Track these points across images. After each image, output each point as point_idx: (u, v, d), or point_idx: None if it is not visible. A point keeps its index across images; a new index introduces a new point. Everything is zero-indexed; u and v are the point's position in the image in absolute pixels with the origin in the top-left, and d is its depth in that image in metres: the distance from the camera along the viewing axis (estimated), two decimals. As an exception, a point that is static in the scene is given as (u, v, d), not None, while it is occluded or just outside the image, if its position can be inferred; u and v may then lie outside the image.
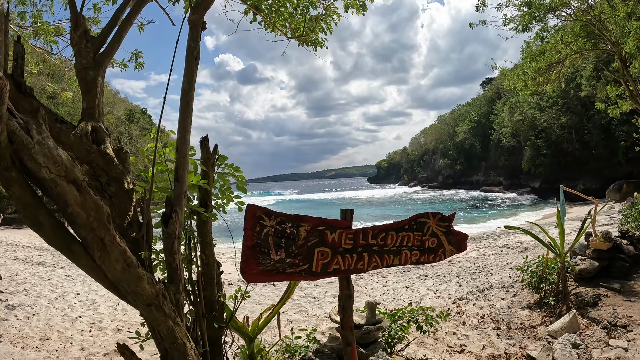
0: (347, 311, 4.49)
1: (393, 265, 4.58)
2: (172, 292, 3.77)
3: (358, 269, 4.30)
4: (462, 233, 5.15)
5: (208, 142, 4.49)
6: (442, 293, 12.78)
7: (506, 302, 10.43)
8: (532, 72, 16.97)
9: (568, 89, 50.62)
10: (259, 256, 3.73)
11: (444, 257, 4.97)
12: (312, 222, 4.01)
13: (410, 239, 4.60)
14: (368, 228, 4.38)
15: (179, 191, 3.86)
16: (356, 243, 4.25)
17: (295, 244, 3.90)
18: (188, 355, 3.70)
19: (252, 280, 3.78)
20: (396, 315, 7.24)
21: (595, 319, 8.17)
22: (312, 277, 4.08)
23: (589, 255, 10.10)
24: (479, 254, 20.07)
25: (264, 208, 3.79)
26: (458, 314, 10.26)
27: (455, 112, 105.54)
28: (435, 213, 4.82)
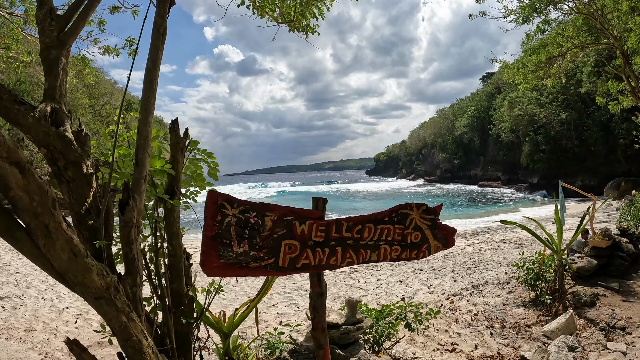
0: (318, 311, 4.14)
1: (370, 262, 4.19)
2: (129, 285, 3.48)
3: (330, 264, 3.93)
4: (449, 227, 4.73)
5: (178, 126, 4.19)
6: (436, 288, 12.54)
7: (501, 299, 10.16)
8: (532, 65, 16.66)
9: (568, 85, 50.67)
10: (220, 248, 3.38)
11: (428, 254, 4.56)
12: (279, 212, 3.64)
13: (390, 232, 4.21)
14: (342, 219, 3.99)
15: (138, 176, 3.57)
16: (328, 236, 3.87)
17: (259, 235, 3.54)
18: (144, 353, 3.39)
19: (213, 274, 3.42)
20: (384, 312, 6.86)
21: (593, 320, 7.89)
22: (278, 273, 3.73)
23: (587, 252, 9.75)
24: (475, 248, 19.91)
25: (226, 195, 3.42)
26: (451, 310, 9.99)
27: (454, 107, 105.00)
28: (419, 204, 4.43)
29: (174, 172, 4.21)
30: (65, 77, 3.76)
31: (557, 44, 16.05)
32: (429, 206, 4.51)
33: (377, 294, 12.48)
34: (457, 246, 20.89)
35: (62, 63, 3.66)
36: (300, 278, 15.31)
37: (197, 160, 4.52)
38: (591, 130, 49.03)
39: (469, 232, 27.07)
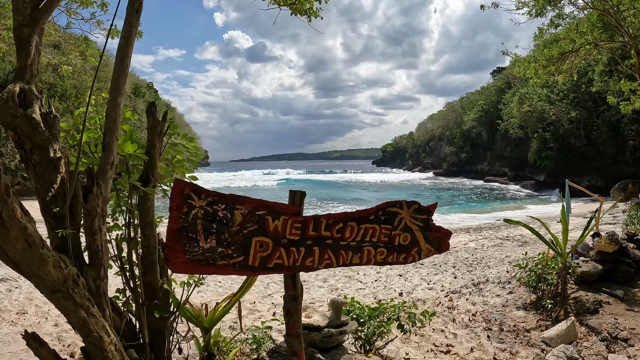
0: (292, 315, 3.82)
1: (352, 265, 3.85)
2: (92, 278, 3.25)
3: (306, 266, 3.60)
4: (444, 229, 4.32)
5: (155, 108, 3.91)
6: (435, 284, 12.27)
7: (501, 299, 9.89)
8: (543, 60, 16.31)
9: (579, 83, 49.96)
10: (186, 242, 3.10)
11: (418, 258, 4.17)
12: (251, 205, 3.32)
13: (375, 232, 3.84)
14: (321, 216, 3.63)
15: (105, 162, 3.35)
16: (305, 234, 3.54)
17: (228, 230, 3.23)
18: (106, 350, 3.18)
19: (178, 270, 3.16)
20: (377, 309, 6.55)
21: (595, 329, 7.58)
22: (248, 272, 3.44)
23: (593, 257, 9.41)
24: (477, 244, 19.61)
25: (193, 184, 3.14)
26: (449, 308, 9.74)
27: (463, 100, 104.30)
28: (410, 202, 4.04)
29: (145, 157, 3.93)
30: (38, 56, 3.56)
31: (570, 39, 15.70)
32: (421, 205, 4.11)
33: (375, 288, 12.24)
34: (459, 241, 20.66)
35: (34, 42, 3.46)
36: None
37: (176, 146, 4.22)
38: (600, 130, 48.51)
39: (472, 227, 26.83)
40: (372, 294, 11.53)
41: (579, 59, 17.12)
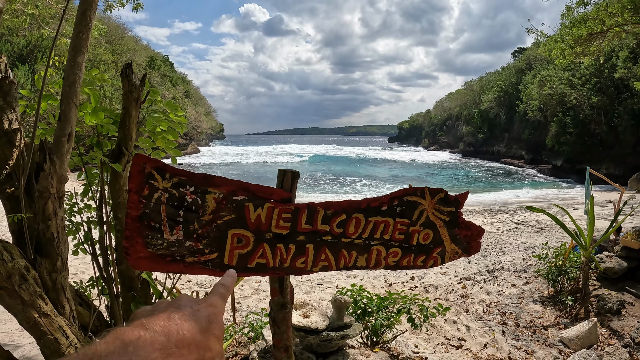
0: (279, 326, 3.13)
1: (355, 268, 3.06)
2: (47, 271, 2.76)
3: (297, 268, 2.84)
4: (475, 226, 3.38)
5: (131, 71, 3.29)
6: (448, 269, 11.91)
7: (517, 290, 9.46)
8: (571, 40, 15.55)
9: (602, 69, 49.08)
10: (148, 233, 2.42)
11: (440, 262, 3.34)
12: (227, 188, 2.57)
13: (388, 228, 3.03)
14: (318, 204, 2.85)
15: (60, 133, 2.82)
16: (296, 227, 2.77)
17: (198, 219, 2.51)
18: (63, 353, 2.71)
19: (139, 266, 2.45)
20: (387, 299, 5.97)
21: (617, 332, 7.07)
22: (223, 273, 2.78)
23: (617, 252, 8.80)
24: (492, 228, 19.25)
25: (156, 160, 2.42)
26: (462, 297, 9.34)
27: (482, 80, 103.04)
28: (435, 189, 3.15)
29: (113, 128, 3.41)
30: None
31: (599, 19, 14.95)
32: (448, 193, 3.23)
33: (387, 272, 11.79)
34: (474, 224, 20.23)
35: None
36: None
37: (155, 114, 3.66)
38: (622, 118, 47.42)
39: (487, 210, 26.41)
40: (383, 276, 11.14)
41: (606, 41, 16.36)
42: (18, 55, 52.52)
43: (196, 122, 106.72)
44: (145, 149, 3.85)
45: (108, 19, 73.24)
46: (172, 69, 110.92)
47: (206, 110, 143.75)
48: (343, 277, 11.01)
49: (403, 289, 10.04)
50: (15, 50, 52.27)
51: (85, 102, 3.34)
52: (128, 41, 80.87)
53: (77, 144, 3.42)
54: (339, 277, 11.05)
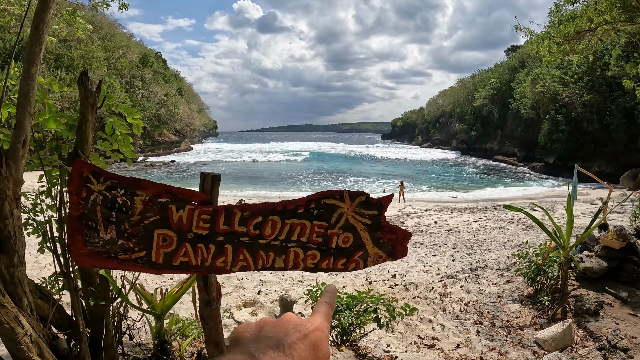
0: (207, 322, 3.20)
1: (274, 269, 3.06)
2: (5, 266, 2.91)
3: (217, 267, 2.93)
4: (401, 230, 3.27)
5: (87, 78, 3.35)
6: (432, 267, 11.81)
7: (497, 289, 9.38)
8: (558, 37, 15.57)
9: (595, 67, 49.45)
10: (87, 232, 2.64)
11: (363, 265, 3.19)
12: (152, 191, 2.73)
13: (305, 230, 3.01)
14: (235, 207, 2.92)
15: (16, 140, 2.93)
16: (214, 228, 2.87)
17: (128, 220, 2.70)
18: (19, 342, 2.85)
19: (81, 262, 2.72)
20: (356, 298, 5.95)
21: (593, 333, 6.97)
22: (152, 270, 2.83)
23: (598, 252, 8.65)
24: (481, 225, 19.26)
25: (92, 165, 2.63)
26: (441, 295, 9.26)
27: (476, 77, 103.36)
28: (355, 193, 3.08)
29: (67, 133, 3.54)
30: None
31: (587, 17, 14.97)
32: (370, 196, 3.14)
33: (369, 268, 11.80)
34: (463, 221, 20.28)
35: None
36: None
37: (113, 119, 3.73)
38: (614, 116, 47.60)
39: (477, 207, 26.45)
40: (365, 274, 11.09)
41: (595, 39, 16.38)
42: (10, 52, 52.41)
43: (189, 119, 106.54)
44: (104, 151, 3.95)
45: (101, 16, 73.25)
46: (165, 66, 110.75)
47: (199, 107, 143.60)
48: (325, 275, 11.00)
49: (383, 286, 10.05)
50: (7, 47, 52.17)
51: (44, 110, 3.42)
52: (120, 38, 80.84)
53: (37, 148, 3.50)
54: (321, 274, 11.06)
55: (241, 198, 6.08)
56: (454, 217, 21.83)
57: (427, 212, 23.79)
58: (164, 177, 50.90)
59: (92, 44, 66.64)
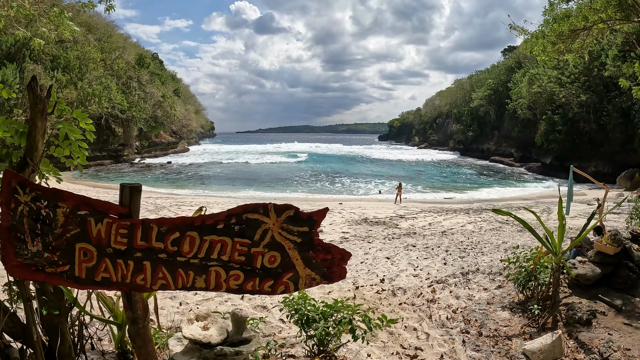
0: (135, 341, 3.03)
1: (195, 289, 2.86)
2: None
3: (137, 284, 2.75)
4: (337, 249, 2.96)
5: (37, 83, 3.20)
6: (422, 270, 11.49)
7: (487, 294, 9.04)
8: (552, 36, 15.28)
9: (591, 67, 49.41)
10: (16, 243, 2.54)
11: (294, 288, 2.97)
12: (72, 202, 2.60)
13: (226, 248, 2.78)
14: (152, 221, 2.73)
15: None
16: (132, 244, 2.69)
17: (52, 232, 2.57)
18: None
19: (14, 274, 2.66)
20: (333, 308, 5.62)
21: (585, 344, 6.58)
22: (77, 285, 2.70)
23: (591, 257, 8.17)
24: (476, 227, 18.99)
25: (19, 176, 2.50)
26: (429, 301, 8.93)
27: (473, 78, 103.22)
28: (281, 206, 2.81)
29: (18, 140, 3.45)
30: None
31: (582, 16, 14.69)
32: (300, 211, 2.86)
33: (358, 272, 11.46)
34: (457, 223, 20.03)
35: None
36: None
37: (62, 125, 3.56)
38: (610, 116, 47.45)
39: (473, 208, 26.19)
40: (353, 278, 10.76)
41: (590, 38, 16.11)
42: (6, 53, 52.30)
43: (186, 120, 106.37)
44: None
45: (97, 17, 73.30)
46: (162, 67, 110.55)
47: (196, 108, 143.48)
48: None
49: (370, 291, 9.74)
50: (3, 48, 51.92)
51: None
52: (117, 39, 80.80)
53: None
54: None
55: (203, 205, 5.82)
56: (448, 219, 21.55)
57: (421, 214, 23.52)
58: (160, 178, 50.84)
59: (89, 45, 66.41)
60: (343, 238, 16.49)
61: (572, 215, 20.76)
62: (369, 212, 23.94)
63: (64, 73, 59.35)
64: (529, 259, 8.05)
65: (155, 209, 23.42)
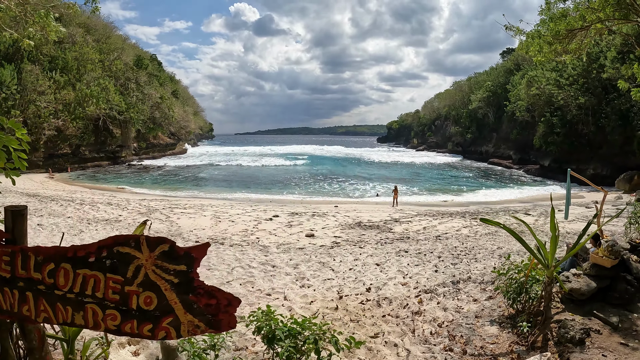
0: None
1: (75, 325, 2.47)
2: None
3: (24, 315, 2.46)
4: (223, 294, 2.46)
5: None
6: (412, 278, 11.06)
7: (477, 306, 8.54)
8: (549, 36, 14.86)
9: (590, 69, 49.11)
10: None
11: (176, 335, 2.46)
12: None
13: (99, 284, 2.39)
14: (30, 249, 2.41)
15: None
16: (15, 272, 2.42)
17: None
18: None
19: None
20: (302, 325, 5.16)
21: None
22: None
23: (587, 270, 7.54)
24: (471, 231, 18.61)
25: None
26: (414, 314, 8.44)
27: (471, 80, 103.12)
28: (155, 240, 2.36)
29: None
30: None
31: (580, 15, 14.29)
32: (176, 246, 2.38)
33: (345, 279, 11.07)
34: (452, 227, 19.65)
35: None
36: (276, 250, 14.66)
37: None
38: (609, 119, 47.07)
39: (469, 212, 25.78)
40: (339, 286, 10.39)
41: (588, 38, 15.71)
42: (4, 54, 52.23)
43: (184, 121, 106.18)
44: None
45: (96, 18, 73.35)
46: (160, 68, 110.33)
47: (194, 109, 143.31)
48: (296, 288, 10.32)
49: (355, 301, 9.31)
50: (1, 49, 51.78)
51: None
52: (116, 40, 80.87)
53: None
54: (292, 287, 10.39)
55: (147, 218, 5.46)
56: (444, 223, 21.13)
57: (417, 217, 23.11)
58: (157, 179, 50.77)
59: (87, 46, 66.30)
60: (334, 243, 16.14)
61: (570, 219, 20.36)
62: (363, 216, 23.59)
63: (62, 74, 59.57)
64: (520, 270, 7.52)
65: (148, 212, 23.11)
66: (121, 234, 2.15)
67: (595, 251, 7.58)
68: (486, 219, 7.39)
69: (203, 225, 19.55)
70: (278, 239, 16.83)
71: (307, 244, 16.05)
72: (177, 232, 17.50)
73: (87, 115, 59.26)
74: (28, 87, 52.29)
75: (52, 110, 55.10)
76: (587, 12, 14.29)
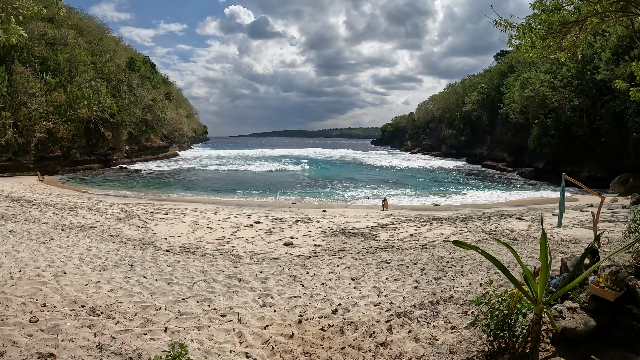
0: None
1: None
2: None
3: None
4: None
5: None
6: (387, 297, 9.78)
7: (454, 337, 7.23)
8: (541, 30, 13.80)
9: (584, 71, 48.74)
10: None
11: None
12: None
13: None
14: None
15: None
16: None
17: None
18: None
19: None
20: None
21: None
22: None
23: (584, 303, 6.07)
24: (461, 239, 17.35)
25: None
26: (380, 346, 7.17)
27: (465, 82, 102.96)
28: None
29: None
30: None
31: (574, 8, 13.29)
32: None
33: (313, 296, 9.87)
34: (441, 234, 18.61)
35: None
36: (249, 261, 13.72)
37: None
38: (604, 120, 46.46)
39: (460, 217, 24.77)
40: (304, 306, 9.17)
41: (584, 34, 14.70)
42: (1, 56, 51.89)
43: (177, 124, 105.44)
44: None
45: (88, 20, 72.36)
46: (154, 70, 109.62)
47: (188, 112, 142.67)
48: (256, 307, 9.09)
49: (316, 326, 8.01)
50: (-2, 53, 51.53)
51: None
52: (108, 42, 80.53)
53: None
54: (252, 305, 9.22)
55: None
56: (432, 229, 20.06)
57: (405, 223, 22.07)
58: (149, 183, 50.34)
59: (79, 48, 65.66)
60: (313, 252, 15.10)
61: (564, 224, 19.41)
62: (350, 221, 22.63)
63: (54, 76, 59.43)
64: (504, 299, 5.97)
65: (126, 217, 22.16)
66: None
67: (596, 280, 6.14)
68: (459, 242, 5.96)
69: (179, 233, 18.52)
70: (254, 248, 15.78)
71: (283, 253, 14.98)
72: (150, 240, 16.47)
73: (78, 117, 58.68)
74: (19, 89, 51.76)
75: (43, 112, 54.59)
76: (582, 4, 13.28)
